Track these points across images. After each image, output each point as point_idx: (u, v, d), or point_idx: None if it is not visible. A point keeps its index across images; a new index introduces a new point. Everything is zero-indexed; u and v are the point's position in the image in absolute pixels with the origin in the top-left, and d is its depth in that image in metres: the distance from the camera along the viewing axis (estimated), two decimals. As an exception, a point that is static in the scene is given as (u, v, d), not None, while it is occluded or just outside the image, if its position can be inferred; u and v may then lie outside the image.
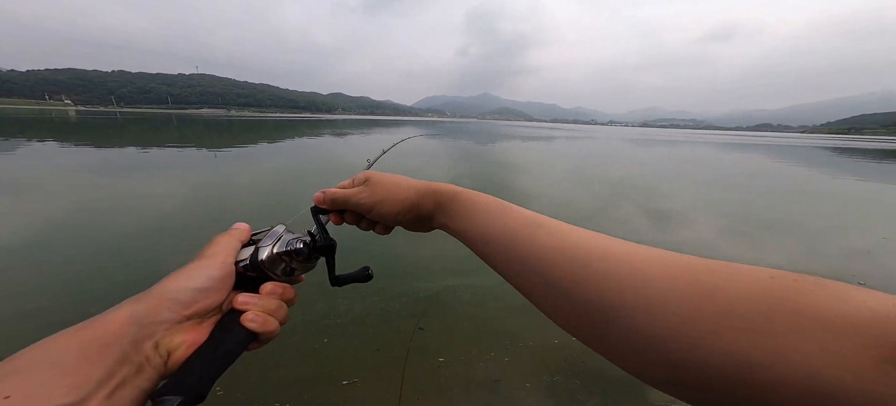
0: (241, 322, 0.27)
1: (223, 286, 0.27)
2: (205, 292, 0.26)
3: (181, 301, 0.25)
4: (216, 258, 0.28)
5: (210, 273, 0.27)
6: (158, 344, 0.23)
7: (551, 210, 3.97)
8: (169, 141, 10.59)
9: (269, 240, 0.31)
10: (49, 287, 1.94)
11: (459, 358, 1.48)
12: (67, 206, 3.49)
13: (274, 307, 0.29)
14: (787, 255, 2.87)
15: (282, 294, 0.31)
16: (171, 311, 0.24)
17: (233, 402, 1.20)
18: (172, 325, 0.24)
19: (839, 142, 51.49)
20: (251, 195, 4.25)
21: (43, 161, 6.44)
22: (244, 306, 0.28)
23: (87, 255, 2.35)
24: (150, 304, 0.24)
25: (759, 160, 11.98)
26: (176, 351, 0.24)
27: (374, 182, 0.37)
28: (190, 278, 0.26)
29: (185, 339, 0.25)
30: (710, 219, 3.94)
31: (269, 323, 0.28)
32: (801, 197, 5.58)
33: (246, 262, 0.30)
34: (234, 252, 0.30)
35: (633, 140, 24.98)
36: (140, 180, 4.85)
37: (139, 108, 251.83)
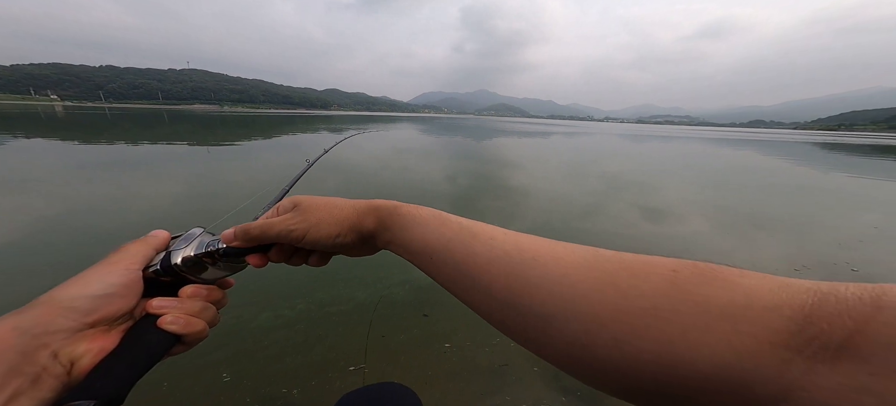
0: (157, 325, 0.26)
1: (127, 293, 0.26)
2: (106, 299, 0.25)
3: (78, 309, 0.23)
4: (119, 265, 0.27)
5: (109, 280, 0.25)
6: (57, 353, 0.22)
7: (548, 205, 3.99)
8: (161, 137, 10.41)
9: (183, 243, 0.30)
10: (37, 286, 1.90)
11: (465, 343, 1.48)
12: (58, 205, 3.42)
13: (197, 309, 0.28)
14: (780, 247, 2.93)
15: (206, 296, 0.30)
16: (67, 319, 0.23)
17: (239, 389, 1.19)
18: (72, 334, 0.23)
19: (829, 137, 52.42)
20: (244, 191, 4.20)
21: (32, 159, 6.28)
22: (160, 310, 0.27)
23: (76, 254, 2.30)
24: (39, 313, 0.22)
25: (752, 156, 12.16)
26: (80, 359, 0.23)
27: (306, 206, 0.32)
28: (86, 285, 0.24)
29: (90, 347, 0.23)
30: (702, 213, 4.00)
31: (193, 323, 0.27)
32: (792, 191, 5.68)
33: (157, 266, 0.28)
34: (143, 258, 0.28)
35: (628, 136, 25.16)
36: (131, 178, 4.76)
37: (129, 104, 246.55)
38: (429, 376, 1.31)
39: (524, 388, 1.27)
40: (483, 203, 3.89)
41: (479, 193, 4.38)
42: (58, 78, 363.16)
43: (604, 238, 2.92)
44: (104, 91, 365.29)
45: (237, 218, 0.33)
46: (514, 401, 1.22)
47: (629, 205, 4.08)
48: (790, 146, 19.78)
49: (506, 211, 3.61)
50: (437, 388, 1.26)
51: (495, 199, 4.13)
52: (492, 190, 4.62)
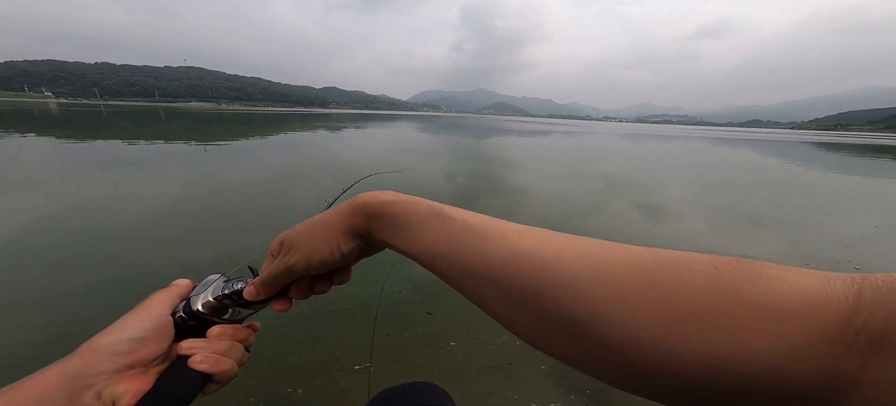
0: (189, 365, 0.28)
1: (159, 336, 0.28)
2: (141, 342, 0.26)
3: (117, 352, 0.25)
4: (150, 310, 0.29)
5: (143, 324, 0.27)
6: (101, 394, 0.24)
7: (547, 205, 3.98)
8: (158, 136, 10.32)
9: (202, 288, 0.32)
10: (42, 289, 1.87)
11: (471, 342, 1.47)
12: (56, 203, 3.37)
13: (224, 348, 0.30)
14: (781, 245, 2.93)
15: (233, 335, 0.31)
16: (108, 362, 0.25)
17: (244, 388, 1.17)
18: (113, 375, 0.25)
19: (826, 137, 52.76)
20: (242, 192, 4.17)
21: (29, 156, 6.21)
22: (190, 351, 0.29)
23: (76, 255, 2.27)
24: (83, 358, 0.25)
25: (750, 155, 12.21)
26: (121, 399, 0.25)
27: (291, 239, 0.31)
28: (122, 331, 0.26)
29: (129, 387, 0.25)
30: (701, 212, 4.00)
31: (222, 362, 0.29)
32: (791, 190, 5.70)
33: (181, 313, 0.31)
34: (169, 305, 0.30)
35: (627, 135, 25.20)
36: (128, 177, 4.71)
37: (125, 102, 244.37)
38: (434, 375, 1.30)
39: (532, 387, 1.26)
40: (482, 202, 3.88)
41: (477, 192, 4.36)
42: (53, 75, 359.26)
43: (603, 237, 2.91)
44: (100, 88, 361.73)
45: (254, 263, 0.35)
46: (522, 399, 1.21)
47: (628, 204, 4.08)
48: (788, 146, 19.88)
49: (505, 210, 3.60)
50: (445, 386, 1.24)
51: (494, 197, 4.12)
52: (491, 189, 4.61)
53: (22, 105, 43.05)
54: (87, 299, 1.69)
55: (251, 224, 2.83)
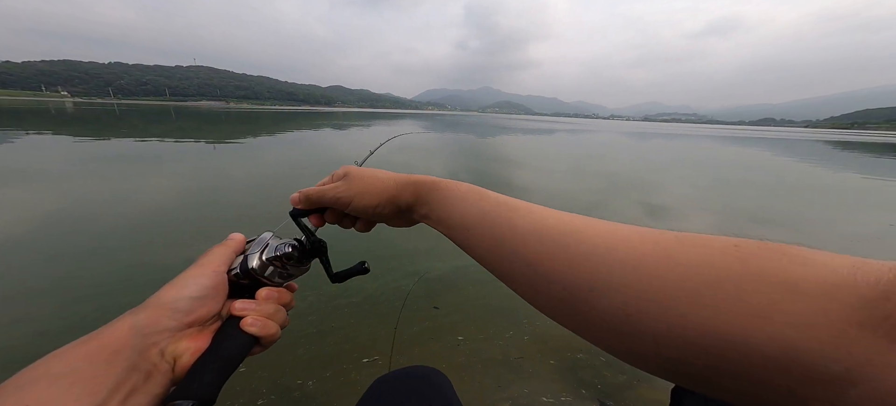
0: (240, 327, 0.28)
1: (217, 294, 0.29)
2: (200, 301, 0.27)
3: (180, 309, 0.26)
4: (208, 267, 0.29)
5: (202, 281, 0.28)
6: (164, 351, 0.25)
7: (549, 202, 3.95)
8: (169, 134, 10.52)
9: (256, 247, 0.32)
10: (67, 277, 1.93)
11: (478, 337, 1.47)
12: (73, 197, 3.46)
13: (272, 311, 0.30)
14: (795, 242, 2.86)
15: (278, 298, 0.32)
16: (171, 320, 0.25)
17: (255, 379, 1.19)
18: (175, 333, 0.25)
19: (842, 136, 51.20)
20: (251, 187, 4.22)
21: (45, 152, 6.38)
22: (242, 312, 0.29)
23: (92, 247, 2.33)
24: (150, 314, 0.25)
25: (761, 154, 11.94)
26: (181, 357, 0.26)
27: (353, 175, 0.36)
28: (184, 287, 0.27)
29: (189, 345, 0.26)
30: (709, 211, 3.93)
31: (269, 326, 0.29)
32: (805, 189, 5.55)
33: (237, 269, 0.31)
34: (227, 261, 0.31)
35: (633, 134, 24.83)
36: (142, 172, 4.81)
37: (137, 100, 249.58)
38: (443, 369, 1.28)
39: (542, 382, 1.25)
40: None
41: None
42: (68, 74, 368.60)
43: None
44: (113, 87, 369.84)
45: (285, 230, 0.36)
46: (532, 393, 1.20)
47: (633, 202, 4.02)
48: (801, 144, 19.37)
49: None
50: (453, 380, 1.24)
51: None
52: (494, 187, 4.59)
53: (39, 104, 44.32)
54: (120, 282, 1.74)
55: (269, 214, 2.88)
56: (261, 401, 1.12)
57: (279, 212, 3.13)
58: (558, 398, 1.18)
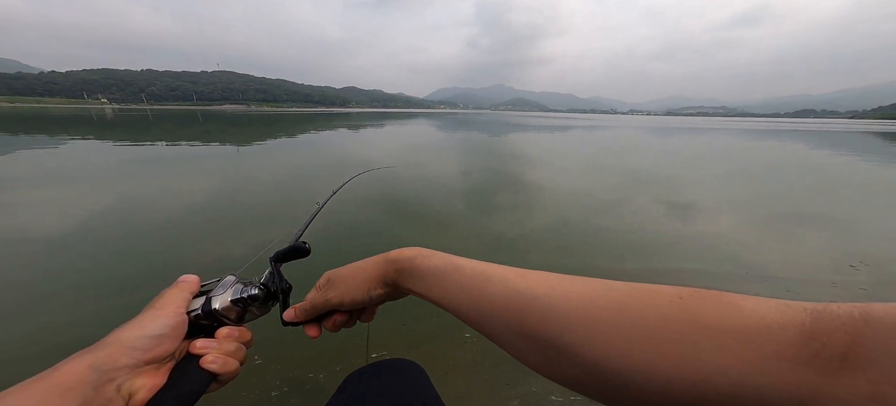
0: (200, 365, 0.29)
1: (176, 334, 0.30)
2: (160, 339, 0.28)
3: (139, 348, 0.27)
4: (168, 308, 0.30)
5: (164, 321, 0.29)
6: (120, 388, 0.25)
7: (567, 200, 3.85)
8: (198, 137, 11.08)
9: (220, 289, 0.34)
10: (107, 276, 2.08)
11: (485, 336, 1.46)
12: (116, 197, 3.72)
13: (232, 349, 0.32)
14: (831, 243, 2.64)
15: (238, 337, 0.33)
16: (130, 357, 0.26)
17: (269, 373, 1.25)
18: (132, 370, 0.26)
19: (893, 127, 46.63)
20: (275, 189, 4.39)
21: (96, 156, 6.90)
22: (202, 350, 0.30)
23: (131, 245, 2.50)
24: (109, 352, 0.26)
25: (798, 148, 11.09)
26: (137, 394, 0.26)
27: (336, 278, 0.38)
28: (143, 327, 0.28)
29: (145, 382, 0.27)
30: (736, 210, 3.69)
31: (229, 363, 0.31)
32: (846, 185, 5.10)
33: (198, 311, 0.32)
34: (185, 303, 0.32)
35: (654, 129, 23.73)
36: (177, 173, 5.10)
37: (167, 105, 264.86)
38: (451, 365, 1.31)
39: (550, 381, 1.24)
40: (499, 198, 3.83)
41: (494, 189, 4.31)
42: (106, 82, 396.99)
43: (625, 237, 2.77)
44: (146, 93, 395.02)
45: (260, 264, 0.40)
46: (541, 392, 1.19)
47: (653, 201, 3.85)
48: (844, 137, 17.83)
49: (523, 206, 3.53)
50: (461, 377, 1.25)
51: (514, 194, 4.05)
52: (509, 185, 4.54)
53: (83, 111, 48.12)
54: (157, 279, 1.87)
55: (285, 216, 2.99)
56: (274, 392, 1.18)
57: (300, 212, 3.24)
58: (567, 397, 1.16)
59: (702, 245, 2.58)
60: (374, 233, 2.60)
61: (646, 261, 2.29)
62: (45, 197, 3.49)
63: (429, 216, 3.11)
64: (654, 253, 2.42)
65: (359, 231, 2.66)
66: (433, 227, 2.83)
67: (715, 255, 2.40)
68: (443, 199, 3.65)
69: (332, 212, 3.07)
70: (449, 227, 2.80)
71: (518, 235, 2.64)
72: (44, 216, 2.92)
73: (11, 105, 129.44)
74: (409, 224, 2.91)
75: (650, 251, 2.44)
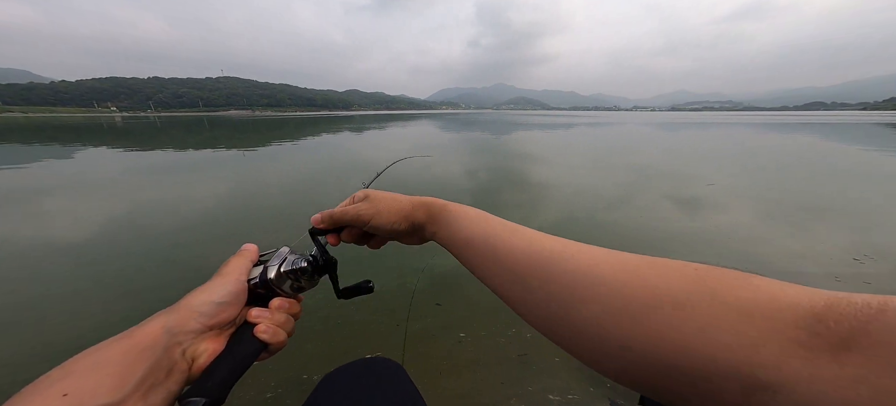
0: (254, 333, 0.31)
1: (238, 301, 0.31)
2: (223, 306, 0.30)
3: (205, 313, 0.28)
4: (231, 276, 0.32)
5: (228, 288, 0.31)
6: (185, 351, 0.27)
7: (572, 198, 3.81)
8: (206, 144, 11.23)
9: (275, 260, 0.35)
10: (128, 280, 2.11)
11: (480, 334, 1.45)
12: (130, 203, 3.79)
13: (282, 320, 0.33)
14: (840, 236, 2.57)
15: (289, 308, 0.34)
16: (196, 322, 0.28)
17: (265, 373, 1.25)
18: (197, 335, 0.28)
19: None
20: (283, 192, 4.42)
21: (104, 164, 7.04)
22: (257, 319, 0.31)
23: (147, 248, 2.54)
24: (180, 315, 0.27)
25: (806, 140, 10.85)
26: (199, 358, 0.28)
27: (374, 197, 0.40)
28: (211, 293, 0.30)
29: (207, 347, 0.29)
30: (744, 202, 3.61)
31: (279, 334, 0.32)
32: (856, 176, 4.97)
33: (256, 280, 0.33)
34: (247, 271, 0.33)
35: (659, 124, 23.44)
36: (187, 180, 5.17)
37: (174, 112, 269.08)
38: (447, 366, 1.29)
39: (549, 378, 1.22)
40: (504, 197, 3.80)
41: (500, 187, 4.29)
42: (115, 91, 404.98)
43: (632, 231, 2.73)
44: (153, 101, 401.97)
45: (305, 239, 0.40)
46: (539, 391, 1.17)
47: (660, 196, 3.79)
48: (854, 128, 17.41)
49: (528, 203, 3.50)
50: (458, 377, 1.24)
51: (520, 191, 4.02)
52: (515, 182, 4.51)
53: (93, 119, 49.19)
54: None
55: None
56: (269, 394, 1.18)
57: (306, 217, 3.27)
58: (565, 395, 1.15)
59: (704, 239, 2.53)
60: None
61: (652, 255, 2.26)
62: (83, 205, 3.56)
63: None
64: (656, 249, 2.38)
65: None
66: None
67: (716, 249, 2.35)
68: (447, 198, 3.64)
69: None
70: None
71: None
72: (84, 222, 2.98)
73: (25, 115, 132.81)
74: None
75: (654, 247, 2.41)
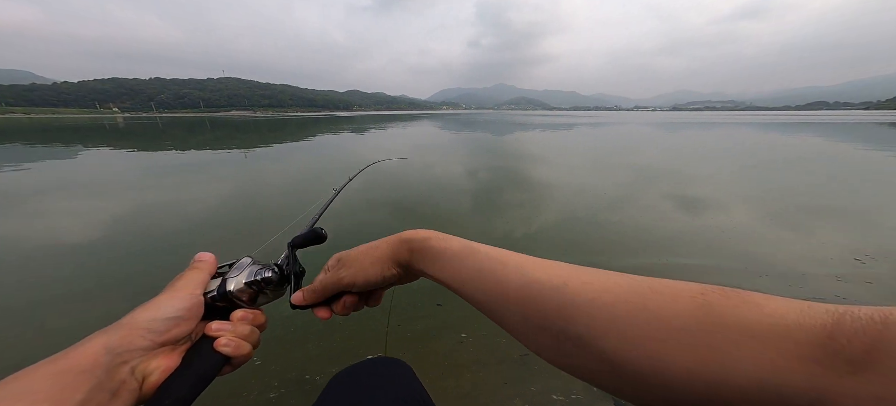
0: (214, 347, 0.29)
1: (192, 316, 0.29)
2: (175, 321, 0.28)
3: (155, 330, 0.27)
4: (184, 290, 0.30)
5: (179, 304, 0.29)
6: (134, 369, 0.25)
7: (572, 198, 3.81)
8: (208, 144, 11.25)
9: (236, 271, 0.33)
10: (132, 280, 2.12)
11: (481, 334, 1.45)
12: (135, 204, 3.80)
13: (246, 332, 0.32)
14: (842, 236, 2.56)
15: (253, 320, 0.33)
16: (144, 339, 0.26)
17: (267, 374, 1.25)
18: (147, 352, 0.26)
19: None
20: (284, 190, 4.43)
21: (107, 165, 7.07)
22: (217, 333, 0.30)
23: (155, 246, 2.54)
24: (123, 334, 0.25)
25: (809, 140, 10.81)
26: (151, 375, 0.26)
27: (347, 258, 0.36)
28: (158, 309, 0.28)
29: (159, 364, 0.27)
30: (746, 202, 3.60)
31: (242, 347, 0.31)
32: (858, 176, 4.95)
33: (214, 292, 0.32)
34: (202, 284, 0.32)
35: (661, 124, 23.39)
36: (192, 180, 5.18)
37: (176, 113, 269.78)
38: (447, 366, 1.30)
39: (551, 378, 1.22)
40: (506, 197, 3.80)
41: (500, 188, 4.29)
42: (116, 92, 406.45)
43: (634, 231, 2.73)
44: (155, 102, 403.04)
45: (275, 246, 0.38)
46: (542, 391, 1.17)
47: (662, 196, 3.79)
48: (858, 128, 17.33)
49: (529, 203, 3.50)
50: (460, 377, 1.24)
51: (520, 191, 4.02)
52: (516, 185, 4.51)
53: (96, 120, 49.34)
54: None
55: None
56: (272, 393, 1.18)
57: (304, 215, 3.28)
58: (569, 395, 1.15)
59: (705, 239, 2.52)
60: (379, 232, 2.61)
61: (648, 257, 2.25)
62: (84, 205, 3.58)
63: (432, 214, 3.11)
64: (658, 249, 2.37)
65: (363, 229, 2.68)
66: (437, 225, 2.83)
67: (717, 249, 2.34)
68: (448, 198, 3.64)
69: (337, 208, 3.11)
70: (455, 225, 2.80)
71: (525, 234, 2.63)
72: (86, 222, 3.00)
73: (28, 116, 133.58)
74: (415, 222, 2.91)
75: (655, 247, 2.40)
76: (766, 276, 1.98)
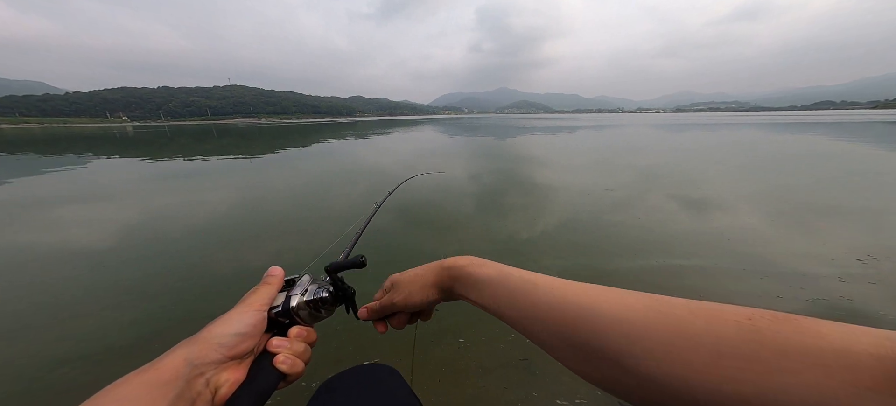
0: (273, 363, 0.32)
1: (257, 332, 0.32)
2: (242, 337, 0.30)
3: (225, 344, 0.29)
4: (253, 306, 0.33)
5: (247, 320, 0.31)
6: (209, 382, 0.28)
7: (576, 199, 3.78)
8: (217, 151, 11.40)
9: (298, 289, 0.36)
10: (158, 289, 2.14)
11: (479, 339, 1.43)
12: (147, 211, 3.85)
13: (301, 350, 0.34)
14: (846, 235, 2.49)
15: (307, 337, 0.35)
16: (217, 353, 0.29)
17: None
18: (218, 365, 0.29)
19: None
20: (293, 198, 4.45)
21: (117, 173, 7.19)
22: (277, 349, 0.32)
23: (166, 251, 2.56)
24: (200, 347, 0.28)
25: (815, 140, 10.64)
26: (221, 387, 0.29)
27: (400, 281, 0.42)
28: (230, 324, 0.31)
29: (228, 377, 0.29)
30: (752, 203, 3.54)
31: (297, 365, 0.33)
32: (863, 175, 4.84)
33: (279, 308, 0.35)
34: (270, 300, 0.35)
35: (664, 126, 23.22)
36: (200, 187, 5.25)
37: (183, 121, 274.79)
38: (445, 371, 1.28)
39: (552, 382, 1.19)
40: (510, 199, 3.79)
41: (504, 191, 4.27)
42: (126, 101, 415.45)
43: (637, 233, 2.69)
44: (162, 110, 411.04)
45: (322, 260, 0.43)
46: (545, 396, 1.15)
47: (666, 197, 3.74)
48: (866, 127, 17.03)
49: (533, 206, 3.48)
50: (461, 384, 1.22)
51: (523, 195, 4.00)
52: (522, 188, 4.49)
53: (105, 129, 50.38)
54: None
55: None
56: (270, 401, 1.17)
57: (318, 227, 3.25)
58: (573, 400, 1.12)
59: (706, 240, 2.47)
60: (394, 244, 2.61)
61: (649, 258, 2.21)
62: (100, 213, 3.64)
63: (442, 221, 3.10)
64: (658, 250, 2.33)
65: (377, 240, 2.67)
66: (417, 232, 2.82)
67: (719, 250, 2.30)
68: (454, 203, 3.63)
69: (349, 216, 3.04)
70: (442, 232, 2.79)
71: (528, 238, 2.61)
72: (103, 230, 3.04)
73: (41, 126, 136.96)
74: (425, 231, 2.90)
75: (656, 248, 2.36)
76: (763, 278, 1.93)
